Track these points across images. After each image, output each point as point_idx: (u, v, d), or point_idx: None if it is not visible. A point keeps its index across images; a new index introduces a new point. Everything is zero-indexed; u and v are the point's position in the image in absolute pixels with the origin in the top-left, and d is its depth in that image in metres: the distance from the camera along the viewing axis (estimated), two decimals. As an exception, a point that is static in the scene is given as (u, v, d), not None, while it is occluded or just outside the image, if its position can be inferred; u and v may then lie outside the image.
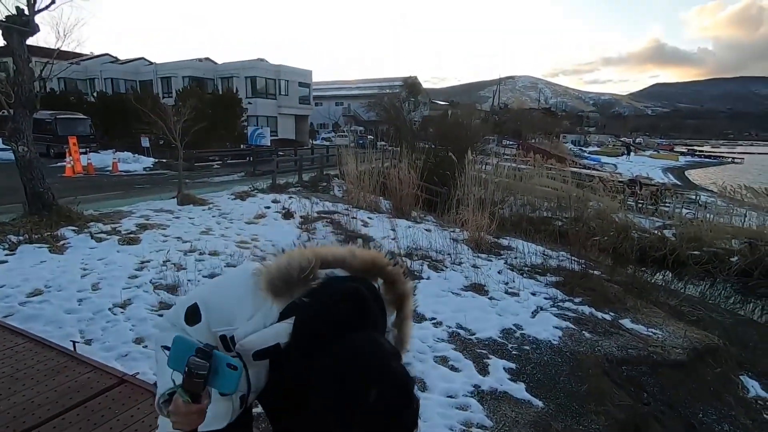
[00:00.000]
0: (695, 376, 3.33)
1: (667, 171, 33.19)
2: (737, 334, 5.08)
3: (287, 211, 6.95)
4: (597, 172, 19.70)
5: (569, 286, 4.60)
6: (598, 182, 12.74)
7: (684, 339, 3.67)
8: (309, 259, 0.85)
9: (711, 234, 9.03)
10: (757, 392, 3.43)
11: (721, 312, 6.11)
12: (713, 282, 7.92)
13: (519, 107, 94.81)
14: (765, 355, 4.57)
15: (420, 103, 37.05)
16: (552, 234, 8.51)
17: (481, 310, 3.91)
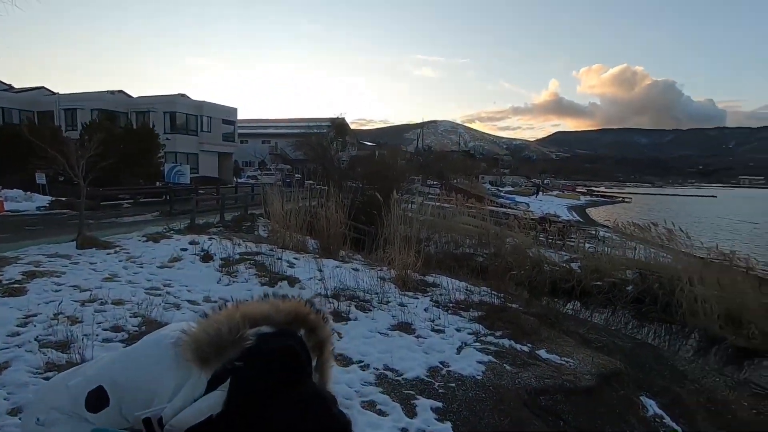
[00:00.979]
0: (603, 400, 3.58)
1: (571, 209, 36.89)
2: (636, 356, 5.60)
3: (206, 253, 6.53)
4: (512, 210, 21.32)
5: (491, 320, 4.79)
6: (513, 220, 13.77)
7: (592, 365, 3.96)
8: (237, 320, 0.80)
9: (609, 266, 10.06)
10: (654, 411, 3.76)
11: (621, 337, 6.72)
12: (614, 309, 8.74)
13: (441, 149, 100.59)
14: (659, 376, 5.08)
15: (348, 144, 37.88)
16: (474, 269, 8.91)
17: (408, 350, 3.92)
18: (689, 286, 7.98)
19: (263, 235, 10.04)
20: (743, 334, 6.97)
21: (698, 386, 5.12)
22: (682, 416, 3.92)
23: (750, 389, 5.35)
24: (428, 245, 11.07)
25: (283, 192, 10.30)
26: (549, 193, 61.37)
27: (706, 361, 6.53)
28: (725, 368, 6.29)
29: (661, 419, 3.72)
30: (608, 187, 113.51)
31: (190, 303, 4.59)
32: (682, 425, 3.73)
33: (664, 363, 5.74)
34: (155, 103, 27.72)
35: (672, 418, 3.76)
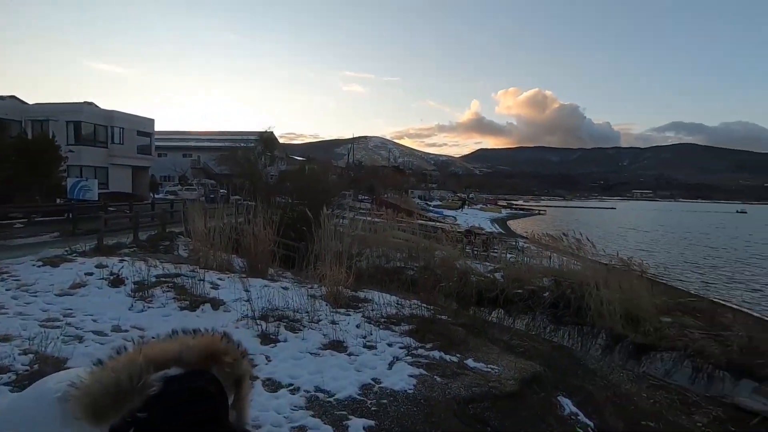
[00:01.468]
0: (525, 403, 3.78)
1: (494, 222, 39.20)
2: (553, 359, 6.02)
3: (116, 276, 5.94)
4: (440, 223, 22.14)
5: (421, 332, 4.88)
6: (441, 233, 14.30)
7: (515, 371, 4.18)
8: (140, 364, 0.70)
9: (528, 274, 10.79)
10: (570, 409, 4.05)
11: (540, 341, 7.19)
12: (534, 315, 9.35)
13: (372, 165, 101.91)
14: (573, 376, 5.49)
15: (276, 158, 36.98)
16: (405, 283, 9.07)
17: (340, 368, 3.85)
18: (596, 290, 8.80)
19: (184, 255, 9.39)
20: (641, 332, 7.81)
21: (606, 382, 5.62)
22: (594, 412, 4.26)
23: (648, 381, 5.98)
24: (360, 260, 11.08)
25: (206, 208, 9.74)
26: (474, 207, 64.75)
27: (612, 358, 7.20)
28: (627, 363, 6.98)
29: (576, 416, 4.01)
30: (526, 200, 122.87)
31: (96, 334, 4.13)
32: (594, 420, 4.05)
33: (577, 363, 6.23)
34: (56, 111, 24.94)
35: (585, 414, 4.07)
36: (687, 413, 5.08)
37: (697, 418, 5.00)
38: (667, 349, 7.29)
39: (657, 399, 5.35)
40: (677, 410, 5.14)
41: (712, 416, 5.07)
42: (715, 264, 18.43)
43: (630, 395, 5.27)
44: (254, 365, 3.80)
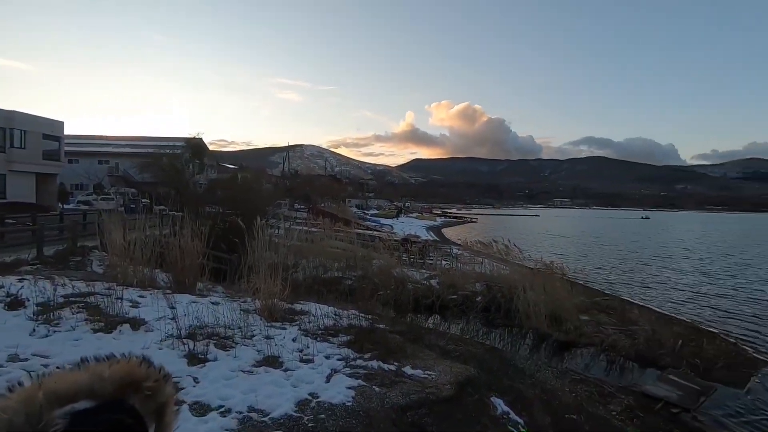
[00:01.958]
0: (461, 406, 3.89)
1: (429, 230, 40.30)
2: (486, 361, 6.27)
3: (14, 298, 5.23)
4: (378, 232, 22.32)
5: (360, 343, 4.84)
6: (379, 242, 14.41)
7: (451, 375, 4.29)
8: (40, 402, 0.60)
9: (462, 280, 11.21)
10: (502, 408, 4.22)
11: (474, 344, 7.46)
12: (468, 319, 9.71)
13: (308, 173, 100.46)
14: (505, 376, 5.76)
15: (206, 166, 35.14)
16: (343, 293, 8.99)
17: (275, 385, 3.69)
18: (523, 293, 9.35)
19: (98, 272, 8.54)
20: (563, 330, 8.42)
21: (534, 380, 5.96)
22: (524, 409, 4.48)
23: (570, 376, 6.44)
24: (296, 271, 10.82)
25: (125, 219, 8.96)
26: (410, 215, 66.17)
27: (539, 356, 7.66)
28: (552, 360, 7.47)
29: (508, 415, 4.20)
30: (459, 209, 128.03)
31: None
32: (524, 418, 4.26)
33: (508, 363, 6.54)
34: (-62, 110, 21.78)
35: (515, 412, 4.27)
36: (603, 404, 5.54)
37: (612, 407, 5.46)
38: (585, 345, 7.92)
39: (578, 392, 5.78)
40: (595, 402, 5.59)
41: (624, 405, 5.57)
42: (623, 265, 20.44)
43: (555, 391, 5.62)
44: (180, 389, 3.51)
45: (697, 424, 5.30)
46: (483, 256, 13.17)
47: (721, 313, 11.03)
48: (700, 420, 5.39)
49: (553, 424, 4.56)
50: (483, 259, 12.91)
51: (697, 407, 5.63)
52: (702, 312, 11.18)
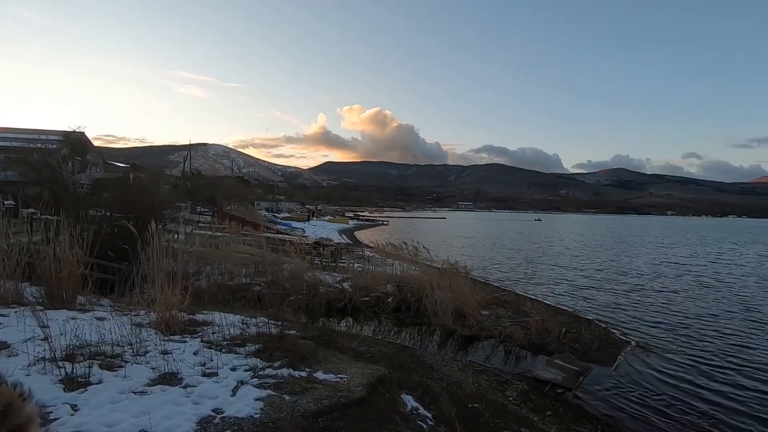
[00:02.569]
0: (372, 406, 3.94)
1: (342, 233, 40.29)
2: (397, 360, 6.45)
3: None
4: (289, 236, 21.71)
5: (269, 351, 4.66)
6: (290, 245, 14.03)
7: (363, 376, 4.32)
8: None
9: (374, 282, 11.38)
10: (411, 404, 4.38)
11: (386, 344, 7.64)
12: (380, 320, 9.88)
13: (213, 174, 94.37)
14: (415, 372, 5.98)
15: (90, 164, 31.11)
16: (251, 300, 8.58)
17: (173, 404, 3.38)
18: (431, 292, 9.80)
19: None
20: (467, 325, 8.99)
21: (441, 374, 6.27)
22: (432, 403, 4.69)
23: (473, 368, 6.90)
24: (199, 279, 10.07)
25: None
26: (322, 218, 65.54)
27: (446, 351, 8.08)
28: (457, 354, 7.93)
29: (417, 410, 4.36)
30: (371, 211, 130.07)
31: None
32: (432, 411, 4.46)
33: (417, 360, 6.81)
34: None
35: (424, 407, 4.45)
36: (501, 391, 6.03)
37: (508, 393, 5.97)
38: (486, 338, 8.54)
39: (480, 382, 6.21)
40: (495, 389, 6.06)
41: (519, 390, 6.12)
42: (518, 263, 22.53)
43: (460, 382, 5.98)
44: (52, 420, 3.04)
45: (577, 401, 6.01)
46: (394, 257, 13.53)
47: (594, 303, 12.69)
48: (580, 397, 6.13)
49: (458, 413, 4.83)
50: (394, 261, 13.26)
51: (577, 386, 6.40)
52: (580, 302, 12.75)
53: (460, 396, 5.44)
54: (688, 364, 7.63)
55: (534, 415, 5.31)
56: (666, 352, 8.20)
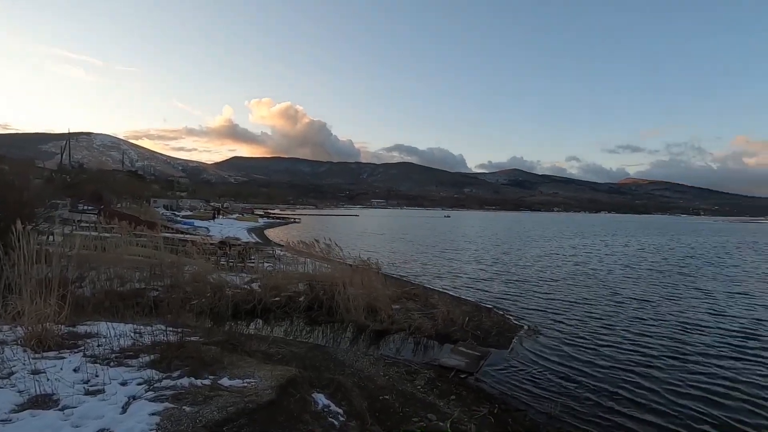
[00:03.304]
0: (282, 408, 3.85)
1: (251, 231, 38.53)
2: (309, 359, 6.38)
3: None
4: (191, 236, 20.17)
5: (167, 361, 4.30)
6: (191, 246, 13.04)
7: (272, 379, 4.20)
8: None
9: (285, 281, 11.10)
10: (323, 402, 4.36)
11: (297, 344, 7.50)
12: (291, 320, 9.66)
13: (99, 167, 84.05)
14: (326, 370, 5.96)
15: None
16: (147, 306, 7.82)
17: (49, 429, 2.97)
18: (343, 289, 9.85)
19: None
20: (378, 320, 9.20)
21: (353, 370, 6.35)
22: (343, 399, 4.72)
23: (384, 361, 7.08)
24: (81, 286, 8.90)
25: None
26: (229, 217, 61.99)
27: (358, 347, 8.18)
28: (369, 349, 8.07)
29: (329, 408, 4.36)
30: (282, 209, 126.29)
31: None
32: (343, 407, 4.50)
33: (329, 358, 6.80)
34: None
35: (336, 403, 4.47)
36: (411, 380, 6.28)
37: (417, 382, 6.24)
38: (397, 331, 8.83)
39: (390, 374, 6.40)
40: (404, 380, 6.29)
41: (427, 378, 6.43)
42: (428, 257, 23.62)
43: (371, 376, 6.11)
44: None
45: (478, 383, 6.51)
46: (306, 256, 13.32)
47: (493, 292, 13.81)
48: (481, 380, 6.64)
49: (369, 406, 4.94)
50: (306, 259, 13.06)
51: (478, 370, 6.92)
52: (481, 292, 13.79)
53: (371, 389, 5.55)
54: (570, 342, 8.68)
55: (440, 400, 5.62)
56: (552, 333, 9.24)
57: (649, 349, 8.31)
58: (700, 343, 8.73)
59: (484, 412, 5.44)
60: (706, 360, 7.72)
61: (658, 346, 8.44)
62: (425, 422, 4.81)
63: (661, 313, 11.23)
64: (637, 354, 8.01)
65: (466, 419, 5.10)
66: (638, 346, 8.43)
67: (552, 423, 5.40)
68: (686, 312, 11.37)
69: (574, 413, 5.66)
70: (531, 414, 5.60)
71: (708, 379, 6.85)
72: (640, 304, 12.25)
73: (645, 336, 9.14)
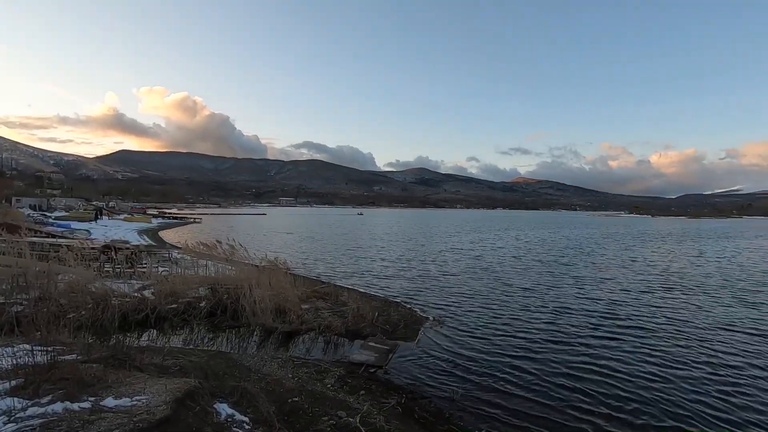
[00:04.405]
0: (179, 423, 3.56)
1: (143, 233, 34.87)
2: (211, 368, 5.98)
3: None
4: (66, 240, 17.60)
5: (33, 385, 3.71)
6: (67, 251, 11.40)
7: (166, 394, 3.86)
8: None
9: (183, 286, 10.26)
10: (226, 412, 4.13)
11: (198, 353, 6.99)
12: (191, 328, 8.97)
13: (-63, 160, 69.65)
14: (231, 378, 5.65)
15: None
16: (8, 324, 6.68)
17: None
18: (249, 291, 9.41)
19: None
20: (287, 321, 8.96)
21: (260, 375, 6.11)
22: (249, 406, 4.53)
23: (293, 363, 6.93)
24: None
25: None
26: (116, 217, 55.41)
27: (266, 351, 7.89)
28: (278, 351, 7.84)
29: (233, 417, 4.14)
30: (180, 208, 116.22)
31: None
32: (249, 414, 4.31)
33: (234, 365, 6.45)
34: None
35: (241, 411, 4.27)
36: (321, 380, 6.24)
37: (327, 381, 6.22)
38: (307, 331, 8.70)
39: (300, 376, 6.29)
40: (314, 380, 6.23)
41: (337, 376, 6.45)
42: (339, 255, 23.61)
43: (279, 379, 5.94)
44: None
45: (387, 376, 6.70)
46: (207, 258, 12.44)
47: (401, 287, 14.31)
48: (389, 372, 6.84)
49: (278, 411, 4.79)
50: (207, 262, 12.20)
51: (387, 363, 7.12)
52: (390, 287, 14.19)
53: (279, 393, 5.40)
54: (469, 331, 9.35)
55: (350, 397, 5.67)
56: (454, 323, 9.86)
57: (534, 333, 9.29)
58: (571, 325, 10.00)
59: (392, 403, 5.61)
60: (575, 340, 8.87)
61: (540, 331, 9.47)
62: (335, 420, 4.82)
63: (543, 300, 12.62)
64: (524, 339, 8.89)
65: (375, 412, 5.21)
66: (525, 332, 9.37)
67: (454, 406, 5.78)
68: (561, 298, 12.93)
69: (475, 396, 6.13)
70: (436, 401, 5.92)
71: (575, 357, 7.89)
72: (526, 293, 13.63)
73: (530, 322, 10.20)
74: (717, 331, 9.58)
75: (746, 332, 9.55)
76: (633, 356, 7.87)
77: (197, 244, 13.39)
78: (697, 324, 10.16)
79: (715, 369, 7.33)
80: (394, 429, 4.79)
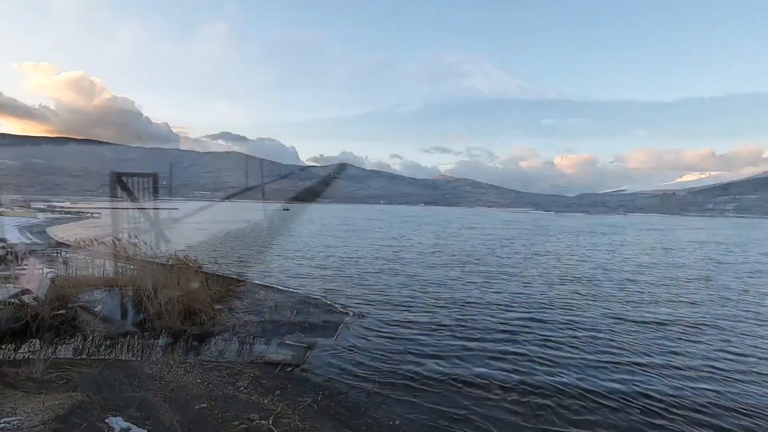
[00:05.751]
0: (61, 445, 3.18)
1: (24, 230, 30.49)
2: (105, 378, 5.42)
3: None
4: None
5: None
6: None
7: (45, 412, 3.42)
8: None
9: (75, 289, 9.15)
10: (121, 426, 3.77)
11: (91, 363, 6.29)
12: (85, 335, 8.03)
13: None
14: (129, 388, 5.16)
15: None
16: None
17: None
18: (155, 292, 8.67)
19: None
20: (198, 323, 8.43)
21: (164, 382, 5.67)
22: (149, 417, 4.18)
23: (203, 367, 6.53)
24: None
25: None
26: (-9, 211, 47.71)
27: (172, 356, 7.32)
28: (187, 356, 7.32)
29: (129, 431, 3.80)
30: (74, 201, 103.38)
31: None
32: (148, 426, 3.98)
33: (134, 374, 5.91)
34: None
35: (138, 424, 3.92)
36: (233, 383, 5.96)
37: (240, 383, 5.96)
38: (220, 332, 8.25)
39: (210, 380, 5.95)
40: (226, 383, 5.93)
41: (251, 377, 6.20)
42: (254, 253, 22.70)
43: (186, 386, 5.56)
44: None
45: (304, 374, 6.59)
46: (104, 257, 11.22)
47: (321, 284, 14.17)
48: (306, 370, 6.74)
49: (182, 419, 4.49)
50: (105, 261, 11.01)
51: (305, 361, 7.02)
52: (309, 285, 13.99)
53: (185, 400, 5.06)
54: (386, 325, 9.55)
55: (264, 398, 5.49)
56: (372, 318, 10.01)
57: (443, 323, 9.80)
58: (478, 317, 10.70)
59: (308, 401, 5.55)
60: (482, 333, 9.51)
61: (448, 320, 10.01)
62: (246, 424, 4.64)
63: (451, 291, 13.33)
64: (435, 329, 9.32)
65: (290, 412, 5.11)
66: (435, 323, 9.82)
67: (371, 400, 5.86)
68: (468, 288, 13.78)
69: (391, 387, 6.28)
70: (353, 395, 5.96)
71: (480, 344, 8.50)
72: (438, 287, 14.27)
73: (439, 312, 10.73)
74: (606, 321, 10.89)
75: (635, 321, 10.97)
76: (530, 343, 8.65)
77: (93, 242, 12.04)
78: (588, 315, 11.45)
79: (601, 351, 8.33)
80: (309, 427, 4.74)
